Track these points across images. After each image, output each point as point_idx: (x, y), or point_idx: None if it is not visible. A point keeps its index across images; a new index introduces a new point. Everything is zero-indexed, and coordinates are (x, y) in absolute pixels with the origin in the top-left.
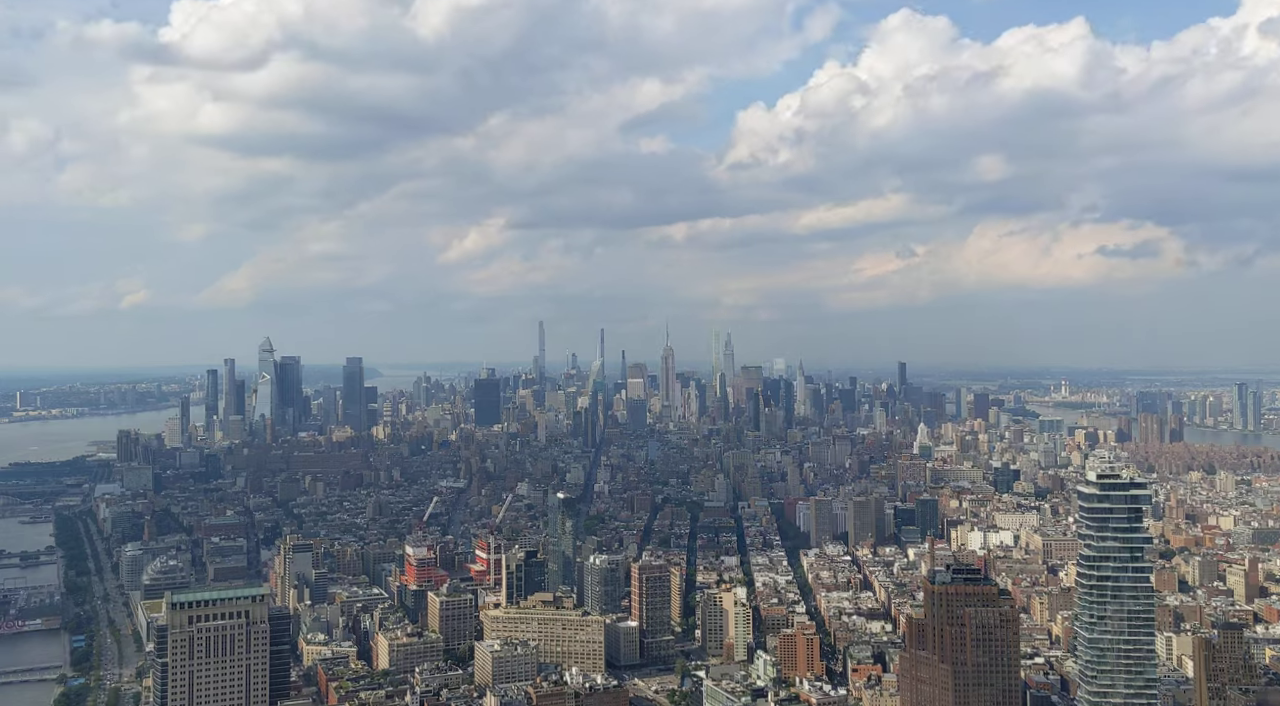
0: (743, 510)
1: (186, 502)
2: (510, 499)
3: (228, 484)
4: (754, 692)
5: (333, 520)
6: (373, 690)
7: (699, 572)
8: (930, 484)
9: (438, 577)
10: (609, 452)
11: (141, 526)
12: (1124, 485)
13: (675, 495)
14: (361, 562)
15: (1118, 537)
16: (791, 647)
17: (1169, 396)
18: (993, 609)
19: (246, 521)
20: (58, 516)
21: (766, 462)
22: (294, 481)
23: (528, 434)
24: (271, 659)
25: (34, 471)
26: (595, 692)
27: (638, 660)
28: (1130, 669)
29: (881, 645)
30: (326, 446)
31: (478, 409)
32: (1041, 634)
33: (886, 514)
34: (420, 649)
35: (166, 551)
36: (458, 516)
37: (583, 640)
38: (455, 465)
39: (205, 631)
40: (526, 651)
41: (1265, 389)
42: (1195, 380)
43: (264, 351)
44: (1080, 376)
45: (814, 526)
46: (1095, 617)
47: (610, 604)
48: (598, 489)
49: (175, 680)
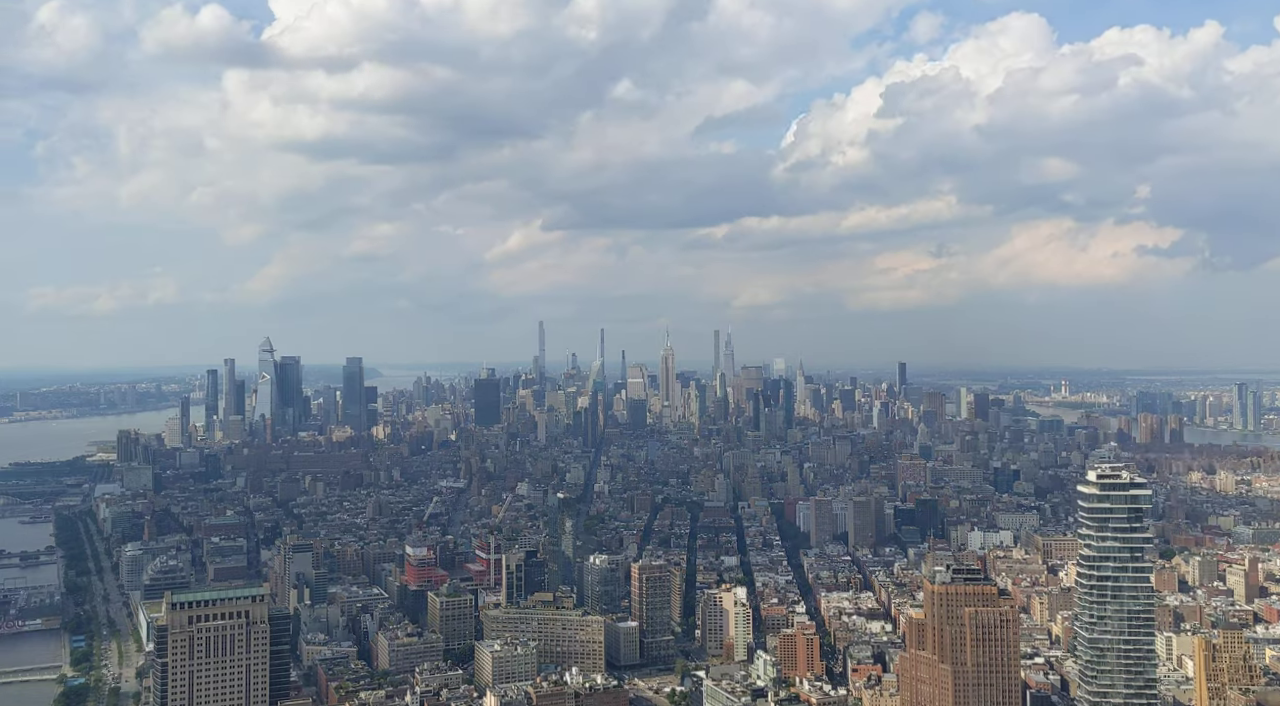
0: (743, 510)
1: (186, 502)
2: (510, 499)
3: (228, 484)
4: (754, 692)
5: (333, 520)
6: (373, 690)
7: (699, 572)
8: (930, 484)
9: (438, 577)
10: (609, 452)
11: (141, 526)
12: (1124, 485)
13: (675, 495)
14: (361, 562)
15: (1118, 537)
16: (791, 647)
17: (1169, 396)
18: (993, 609)
19: (246, 521)
20: (58, 516)
21: (766, 462)
22: (294, 481)
23: (528, 434)
24: (271, 659)
25: (34, 471)
26: (595, 692)
27: (638, 660)
28: (1130, 669)
29: (881, 645)
30: (326, 446)
31: (478, 409)
32: (1041, 634)
33: (886, 514)
34: (420, 649)
35: (166, 551)
36: (458, 516)
37: (583, 640)
38: (455, 465)
39: (205, 631)
40: (526, 651)
41: (1265, 389)
42: (1195, 380)
43: (264, 351)
44: (1080, 376)
45: (814, 526)
46: (1095, 617)
47: (610, 604)
48: (598, 489)
49: (175, 680)
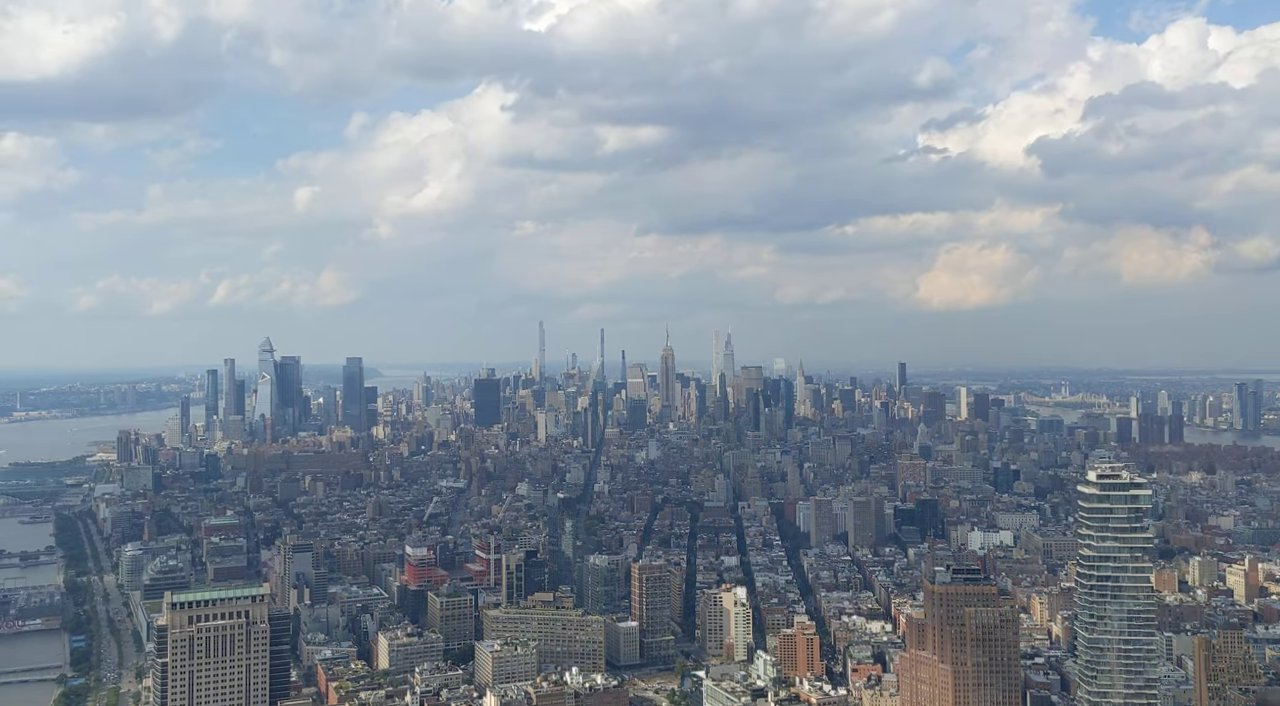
0: (743, 510)
1: (186, 502)
2: (510, 499)
3: (228, 484)
4: (754, 692)
5: (333, 520)
6: (373, 690)
7: (699, 572)
8: (930, 484)
9: (438, 577)
10: (609, 452)
11: (141, 526)
12: (1124, 485)
13: (675, 495)
14: (361, 562)
15: (1118, 537)
16: (791, 647)
17: (1169, 396)
18: (993, 609)
19: (246, 521)
20: (58, 516)
21: (766, 462)
22: (294, 481)
23: (528, 434)
24: (271, 659)
25: (34, 471)
26: (595, 692)
27: (638, 660)
28: (1130, 669)
29: (881, 645)
30: (326, 446)
31: (478, 409)
32: (1041, 634)
33: (886, 514)
34: (420, 649)
35: (166, 551)
36: (458, 516)
37: (583, 640)
38: (455, 465)
39: (205, 631)
40: (526, 651)
41: (1265, 389)
42: (1196, 381)
43: (264, 351)
44: (1080, 377)
45: (814, 526)
46: (1095, 617)
47: (610, 604)
48: (598, 489)
49: (175, 680)
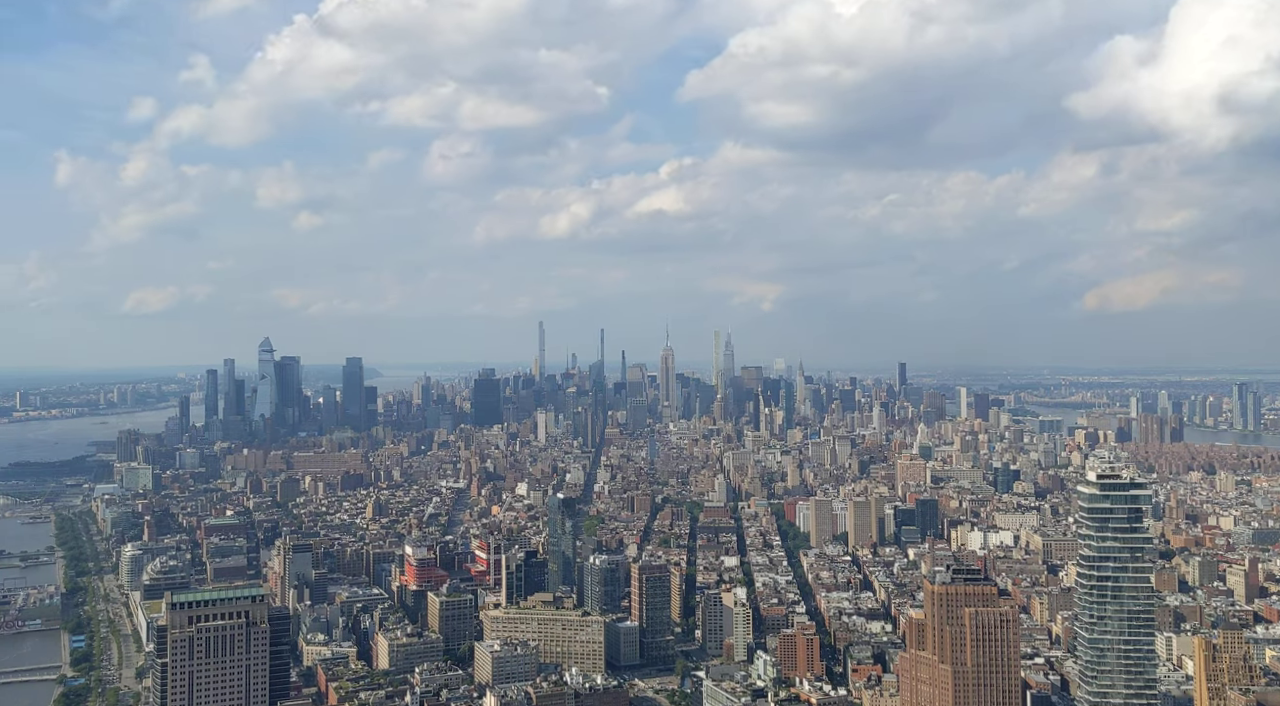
0: (743, 510)
1: (186, 502)
2: (510, 499)
3: (228, 484)
4: (754, 693)
5: (333, 520)
6: (373, 690)
7: (699, 572)
8: (930, 484)
9: (438, 577)
10: (609, 452)
11: (141, 526)
12: (1124, 485)
13: (675, 495)
14: (361, 562)
15: (1118, 537)
16: (791, 647)
17: (1169, 396)
18: (993, 609)
19: (246, 521)
20: (58, 516)
21: (766, 462)
22: (294, 481)
23: (528, 434)
24: (271, 659)
25: (34, 471)
26: (595, 693)
27: (638, 660)
28: (1130, 669)
29: (881, 645)
30: (326, 446)
31: (478, 409)
32: (1041, 634)
33: (886, 514)
34: (420, 649)
35: (166, 551)
36: (458, 516)
37: (583, 640)
38: (455, 465)
39: (205, 631)
40: (526, 651)
41: (1265, 389)
42: (1195, 381)
43: (263, 351)
44: (1080, 377)
45: (814, 526)
46: (1095, 617)
47: (610, 604)
48: (598, 489)
49: (175, 680)
